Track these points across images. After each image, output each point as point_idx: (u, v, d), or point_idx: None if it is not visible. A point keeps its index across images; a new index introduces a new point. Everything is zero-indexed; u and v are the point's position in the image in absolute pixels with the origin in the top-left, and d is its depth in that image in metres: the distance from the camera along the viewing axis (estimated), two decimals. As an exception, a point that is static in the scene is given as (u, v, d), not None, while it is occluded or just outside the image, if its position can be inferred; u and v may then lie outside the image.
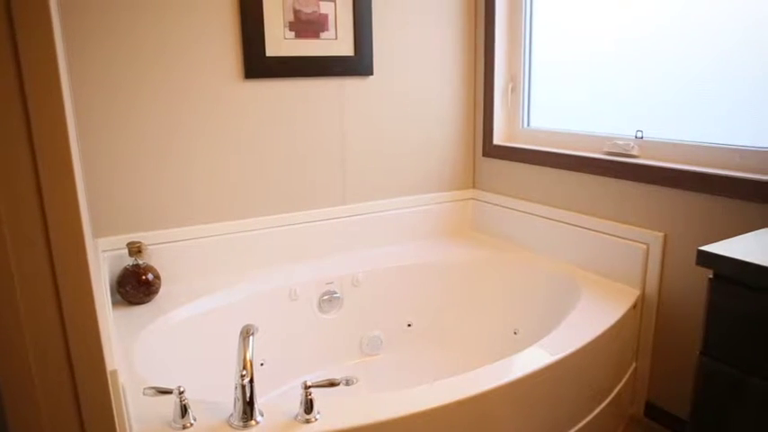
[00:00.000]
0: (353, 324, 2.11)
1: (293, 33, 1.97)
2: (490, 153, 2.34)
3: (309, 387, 1.15)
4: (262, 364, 1.91)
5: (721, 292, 1.08)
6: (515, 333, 2.08)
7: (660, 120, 1.83)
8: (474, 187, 2.47)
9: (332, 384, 1.17)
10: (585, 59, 2.04)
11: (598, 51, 2.00)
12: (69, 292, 0.77)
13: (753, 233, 1.19)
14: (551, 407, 1.50)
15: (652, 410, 1.86)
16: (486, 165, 2.39)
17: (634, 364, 1.86)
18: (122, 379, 0.94)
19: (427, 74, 2.26)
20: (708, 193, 1.62)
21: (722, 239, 1.19)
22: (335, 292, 2.06)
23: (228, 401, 1.21)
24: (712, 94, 1.69)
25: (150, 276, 1.75)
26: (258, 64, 1.92)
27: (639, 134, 1.87)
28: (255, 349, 1.88)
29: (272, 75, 1.95)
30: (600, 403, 1.67)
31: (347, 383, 1.99)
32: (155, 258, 1.84)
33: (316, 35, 2.02)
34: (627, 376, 1.81)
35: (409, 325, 2.19)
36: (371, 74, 2.13)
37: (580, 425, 1.60)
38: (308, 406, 1.15)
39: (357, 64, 2.10)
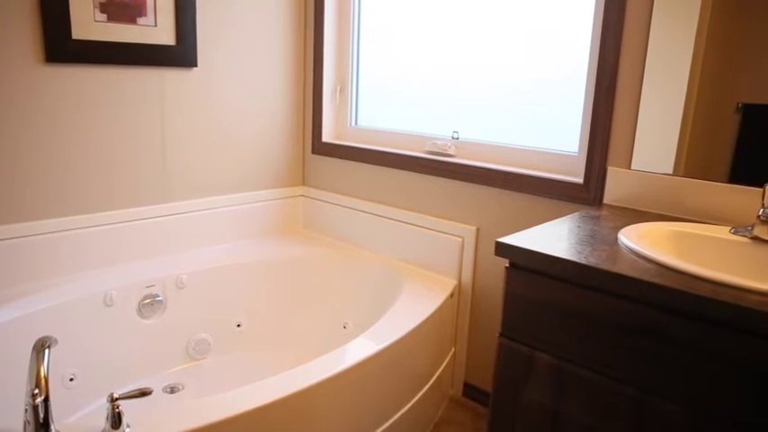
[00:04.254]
0: (178, 328, 2.00)
1: (105, 16, 1.81)
2: (319, 150, 2.36)
3: (116, 399, 1.06)
4: (71, 380, 1.73)
5: (514, 279, 1.20)
6: (345, 327, 2.13)
7: (474, 122, 1.99)
8: (304, 184, 2.48)
9: (143, 394, 1.09)
10: (410, 63, 2.15)
11: (421, 56, 2.11)
12: None
13: (545, 225, 1.34)
14: (377, 395, 1.56)
15: (470, 390, 2.03)
16: (316, 162, 2.41)
17: (453, 349, 2.01)
18: None
19: (256, 70, 2.21)
20: (513, 190, 1.80)
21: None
22: (158, 296, 1.94)
23: (19, 425, 1.08)
24: (519, 101, 1.87)
25: (-77, 288, 1.49)
26: (62, 47, 1.73)
27: (456, 135, 2.02)
28: (63, 363, 1.70)
29: (79, 60, 1.78)
30: (422, 387, 1.78)
31: (171, 391, 1.90)
32: (-70, 266, 1.58)
33: (131, 20, 1.87)
34: (446, 360, 1.94)
35: (239, 325, 2.14)
36: (195, 65, 2.03)
37: (404, 410, 1.69)
38: (116, 420, 1.06)
39: (179, 54, 1.99)
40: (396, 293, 1.93)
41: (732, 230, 1.24)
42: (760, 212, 1.19)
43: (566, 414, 1.16)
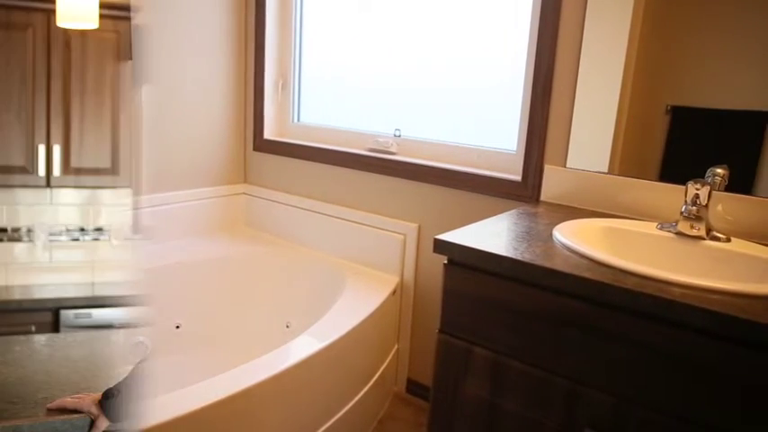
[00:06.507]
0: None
1: None
2: (261, 147, 2.32)
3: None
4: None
5: (452, 275, 1.22)
6: (288, 326, 2.11)
7: (416, 120, 2.00)
8: (245, 182, 2.43)
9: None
10: (352, 61, 2.14)
11: (363, 54, 2.11)
12: None
13: (483, 222, 1.37)
14: (320, 393, 1.55)
15: (413, 386, 2.04)
16: (258, 159, 2.37)
17: (396, 346, 2.02)
18: None
19: (195, 64, 2.15)
20: (454, 188, 1.82)
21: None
22: (90, 298, 1.86)
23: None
24: (460, 100, 1.90)
25: None
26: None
27: (398, 133, 2.03)
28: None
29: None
30: (365, 384, 1.78)
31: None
32: None
33: (60, 9, 1.78)
34: (390, 357, 1.95)
35: (178, 327, 2.08)
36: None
37: (348, 407, 1.68)
38: (41, 429, 1.01)
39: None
40: (338, 291, 1.92)
41: (659, 226, 1.30)
42: (683, 209, 1.25)
43: (503, 406, 1.18)
